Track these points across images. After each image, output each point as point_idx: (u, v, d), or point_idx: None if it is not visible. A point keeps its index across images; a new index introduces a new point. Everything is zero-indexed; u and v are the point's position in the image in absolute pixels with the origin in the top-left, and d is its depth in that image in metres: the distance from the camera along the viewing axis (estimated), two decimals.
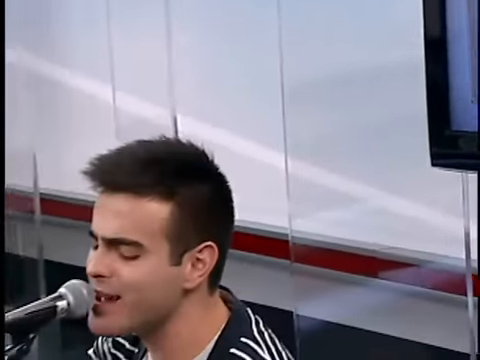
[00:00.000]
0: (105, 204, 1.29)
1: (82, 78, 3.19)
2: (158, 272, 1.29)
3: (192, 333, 1.34)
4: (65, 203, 3.23)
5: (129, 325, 1.34)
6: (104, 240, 1.29)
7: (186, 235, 1.30)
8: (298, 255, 2.65)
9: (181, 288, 1.31)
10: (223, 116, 2.83)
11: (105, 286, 1.30)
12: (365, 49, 2.60)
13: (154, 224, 1.28)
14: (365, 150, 2.61)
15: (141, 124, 2.97)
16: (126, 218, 1.28)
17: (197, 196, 1.30)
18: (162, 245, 1.29)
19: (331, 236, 2.66)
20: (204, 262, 1.31)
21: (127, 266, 1.29)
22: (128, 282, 1.29)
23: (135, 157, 1.30)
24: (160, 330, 1.34)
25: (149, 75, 2.95)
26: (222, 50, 2.89)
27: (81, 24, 3.22)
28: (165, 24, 2.85)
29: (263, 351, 1.31)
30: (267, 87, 2.73)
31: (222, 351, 1.32)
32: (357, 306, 2.60)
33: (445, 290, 2.34)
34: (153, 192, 1.28)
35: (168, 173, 1.30)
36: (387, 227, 2.57)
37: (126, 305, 1.30)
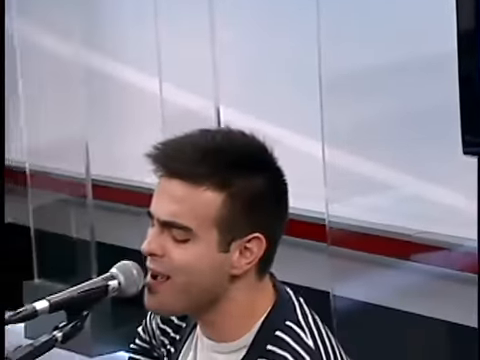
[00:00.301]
0: (163, 188, 1.30)
1: (131, 71, 3.20)
2: (206, 257, 1.29)
3: (240, 315, 1.33)
4: (115, 188, 3.24)
5: (180, 305, 1.34)
6: (159, 222, 1.30)
7: (236, 225, 1.29)
8: (334, 238, 2.65)
9: (229, 274, 1.31)
10: (264, 107, 2.82)
11: (157, 264, 1.30)
12: (398, 43, 2.57)
13: (206, 212, 1.28)
14: (400, 139, 2.60)
15: (186, 115, 2.98)
16: (180, 204, 1.28)
17: (250, 188, 1.29)
18: (211, 232, 1.28)
19: (366, 221, 2.64)
20: (252, 251, 1.30)
21: (178, 248, 1.29)
22: (178, 263, 1.29)
23: (195, 146, 1.30)
24: (209, 311, 1.34)
25: (194, 68, 2.95)
26: (263, 44, 2.87)
27: (130, 20, 3.22)
28: (209, 19, 2.85)
29: (306, 335, 1.31)
30: (306, 80, 2.71)
31: (267, 333, 1.31)
32: (390, 287, 2.59)
33: (474, 272, 2.32)
34: (208, 182, 1.27)
35: (225, 164, 1.29)
36: (420, 212, 2.54)
37: (176, 286, 1.30)
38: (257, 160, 1.32)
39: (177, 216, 1.28)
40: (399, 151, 2.60)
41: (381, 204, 2.66)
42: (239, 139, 1.33)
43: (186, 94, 3.00)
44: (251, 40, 2.89)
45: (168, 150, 1.31)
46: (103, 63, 3.29)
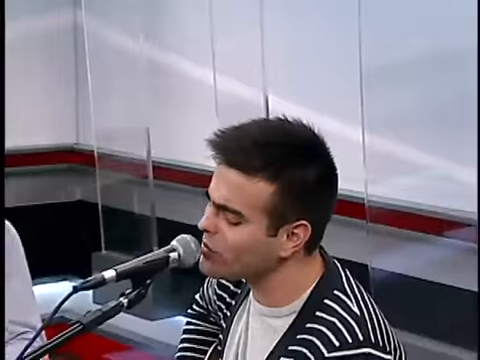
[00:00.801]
0: (221, 174, 1.30)
1: (189, 64, 3.20)
2: (255, 240, 1.29)
3: (290, 285, 1.33)
4: (173, 169, 3.25)
5: (230, 275, 1.36)
6: (214, 204, 1.31)
7: (284, 213, 1.29)
8: (373, 216, 2.62)
9: (277, 255, 1.31)
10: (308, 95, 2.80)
11: (211, 240, 1.31)
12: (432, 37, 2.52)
13: (257, 201, 1.28)
14: (433, 125, 2.55)
15: (237, 103, 2.97)
16: (234, 191, 1.28)
17: (300, 181, 1.28)
18: (261, 218, 1.28)
19: (402, 200, 2.60)
20: (298, 236, 1.30)
21: (230, 229, 1.29)
22: (229, 242, 1.30)
23: (252, 139, 1.29)
24: (260, 281, 1.34)
25: (245, 60, 2.94)
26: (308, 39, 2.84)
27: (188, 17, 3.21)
28: (259, 15, 2.82)
29: (352, 303, 1.30)
30: (347, 70, 2.67)
31: (316, 300, 1.31)
32: (423, 260, 2.56)
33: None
34: (261, 174, 1.27)
35: (277, 158, 1.28)
36: (450, 192, 2.49)
37: (227, 260, 1.31)
38: (309, 153, 1.30)
39: (231, 202, 1.28)
40: (432, 136, 2.56)
41: (416, 185, 2.61)
42: (293, 131, 1.31)
43: (237, 84, 2.97)
44: (297, 34, 2.86)
45: (227, 140, 1.30)
46: (164, 57, 3.28)
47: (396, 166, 2.66)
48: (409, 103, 2.60)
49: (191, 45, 3.19)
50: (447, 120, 2.52)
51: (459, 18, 2.39)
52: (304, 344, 1.27)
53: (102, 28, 3.47)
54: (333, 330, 1.26)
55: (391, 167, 2.67)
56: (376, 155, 2.63)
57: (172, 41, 3.29)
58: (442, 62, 2.50)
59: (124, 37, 3.38)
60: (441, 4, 2.47)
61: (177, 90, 3.29)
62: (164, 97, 3.32)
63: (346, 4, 2.61)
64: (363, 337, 1.26)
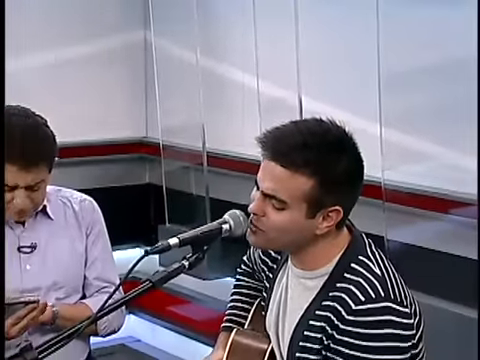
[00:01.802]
0: (268, 167, 1.28)
1: (236, 70, 3.18)
2: (296, 222, 1.28)
3: (322, 253, 1.32)
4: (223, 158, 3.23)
5: (272, 248, 1.37)
6: (262, 192, 1.29)
7: (321, 201, 1.27)
8: (388, 197, 2.57)
9: (312, 233, 1.30)
10: (335, 96, 2.76)
11: (258, 221, 1.30)
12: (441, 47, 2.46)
13: (299, 192, 1.26)
14: (441, 120, 2.49)
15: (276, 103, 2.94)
16: (279, 183, 1.26)
17: (334, 175, 1.26)
18: (302, 205, 1.27)
19: (414, 183, 2.55)
20: (332, 218, 1.29)
21: (275, 213, 1.28)
22: (273, 224, 1.28)
23: (294, 139, 1.27)
24: (298, 251, 1.33)
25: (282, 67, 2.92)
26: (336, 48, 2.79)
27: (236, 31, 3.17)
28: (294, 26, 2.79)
29: (374, 266, 1.29)
30: (368, 75, 2.61)
31: (344, 264, 1.30)
32: (431, 233, 2.51)
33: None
34: (302, 169, 1.25)
35: (316, 156, 1.26)
36: (458, 178, 2.44)
37: (269, 238, 1.31)
38: (341, 149, 1.28)
39: (276, 191, 1.27)
40: (440, 130, 2.50)
41: (425, 171, 2.56)
42: (329, 131, 1.29)
43: (276, 87, 2.93)
44: (326, 44, 2.81)
45: (273, 140, 1.28)
46: (216, 65, 3.26)
47: (408, 156, 2.61)
48: (420, 102, 2.55)
49: (238, 55, 3.17)
50: (453, 117, 2.45)
51: (464, 31, 2.32)
52: (335, 299, 1.26)
53: (166, 44, 3.47)
54: (359, 288, 1.24)
55: (404, 156, 2.61)
56: (391, 146, 2.58)
57: (222, 52, 3.27)
58: (449, 69, 2.44)
59: (184, 51, 3.37)
60: (448, 21, 2.41)
61: (226, 93, 3.27)
62: (216, 99, 3.30)
63: (368, 20, 2.54)
64: (384, 293, 1.24)
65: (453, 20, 2.39)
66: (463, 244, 2.40)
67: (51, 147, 1.69)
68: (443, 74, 2.46)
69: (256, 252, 1.49)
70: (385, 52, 2.51)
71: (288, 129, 1.30)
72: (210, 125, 3.26)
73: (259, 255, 1.47)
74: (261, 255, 1.46)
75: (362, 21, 2.65)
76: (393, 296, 1.24)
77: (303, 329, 1.28)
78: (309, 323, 1.27)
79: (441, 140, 2.52)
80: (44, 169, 1.67)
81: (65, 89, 3.33)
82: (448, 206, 2.45)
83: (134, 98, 3.60)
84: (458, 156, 2.48)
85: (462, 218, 2.40)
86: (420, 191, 2.53)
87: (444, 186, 2.48)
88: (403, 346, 1.23)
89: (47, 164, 1.68)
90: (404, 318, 1.23)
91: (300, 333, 1.28)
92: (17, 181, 1.64)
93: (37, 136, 1.65)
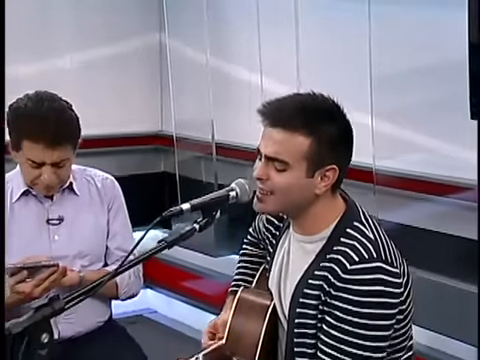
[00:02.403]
0: (268, 133, 1.27)
1: (241, 69, 3.17)
2: (297, 181, 1.26)
3: (321, 217, 1.30)
4: (230, 149, 3.21)
5: (277, 209, 1.33)
6: (265, 156, 1.27)
7: (319, 160, 1.26)
8: (379, 181, 2.56)
9: (313, 193, 1.28)
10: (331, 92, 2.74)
11: (264, 185, 1.28)
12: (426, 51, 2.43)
13: (298, 152, 1.25)
14: (427, 113, 2.46)
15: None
16: (280, 145, 1.25)
17: (328, 135, 1.26)
18: (302, 164, 1.25)
19: (401, 168, 2.54)
20: (329, 177, 1.27)
21: (278, 175, 1.27)
22: (277, 185, 1.27)
23: (291, 105, 1.27)
24: (299, 214, 1.32)
25: (283, 66, 2.91)
26: (332, 49, 2.77)
27: (242, 35, 3.16)
28: (295, 30, 2.79)
29: (368, 231, 1.28)
30: (360, 74, 2.60)
31: (340, 229, 1.28)
32: (418, 213, 2.50)
33: None
34: (300, 130, 1.25)
35: (312, 118, 1.25)
36: (442, 164, 2.43)
37: (276, 199, 1.28)
38: (334, 113, 1.28)
39: (278, 153, 1.26)
40: (428, 122, 2.47)
41: (411, 157, 2.55)
42: (322, 99, 1.30)
43: (278, 84, 2.91)
44: (323, 46, 2.79)
45: (272, 108, 1.28)
46: (224, 65, 3.24)
47: (397, 145, 2.59)
48: (407, 99, 2.52)
49: (244, 56, 3.16)
50: (439, 111, 2.43)
51: (446, 39, 2.30)
52: (332, 261, 1.25)
53: (180, 46, 3.46)
54: (353, 250, 1.24)
55: (393, 145, 2.60)
56: (381, 136, 2.57)
57: (230, 54, 3.25)
58: (435, 70, 2.41)
59: (195, 52, 3.36)
60: (434, 27, 2.38)
61: (234, 90, 3.26)
62: (224, 96, 3.29)
63: (361, 23, 2.53)
64: (376, 254, 1.23)
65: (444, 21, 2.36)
66: (448, 223, 2.38)
67: (75, 128, 1.69)
68: (433, 73, 2.43)
69: (260, 222, 1.48)
70: (375, 53, 2.50)
71: (285, 99, 1.30)
72: (219, 119, 3.26)
73: (263, 224, 1.46)
74: (265, 224, 1.45)
75: (355, 24, 2.63)
76: (384, 257, 1.23)
77: (303, 287, 1.27)
78: (308, 282, 1.27)
79: (431, 131, 2.49)
80: (69, 148, 1.67)
81: (90, 88, 3.33)
82: (434, 189, 2.44)
83: (151, 95, 3.60)
84: (445, 145, 2.47)
85: (448, 199, 2.39)
86: (408, 175, 2.52)
87: (430, 170, 2.46)
88: (392, 302, 1.22)
89: (71, 143, 1.68)
90: (394, 277, 1.23)
91: (300, 291, 1.27)
92: (44, 158, 1.64)
93: (63, 118, 1.65)
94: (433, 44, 2.40)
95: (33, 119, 1.63)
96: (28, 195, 1.76)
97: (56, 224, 1.75)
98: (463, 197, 2.33)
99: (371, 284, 1.20)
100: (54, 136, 1.63)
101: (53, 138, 1.63)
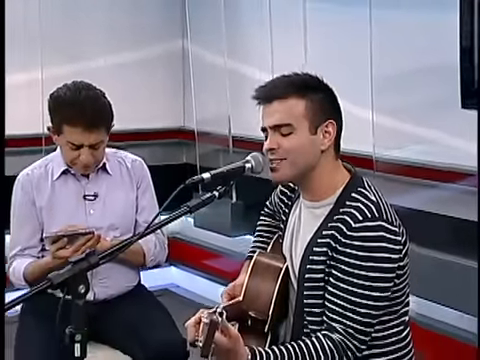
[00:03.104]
0: (267, 109, 1.28)
1: (255, 70, 3.16)
2: (304, 140, 1.26)
3: (327, 183, 1.29)
4: (246, 141, 3.23)
5: (291, 174, 1.30)
6: (270, 128, 1.27)
7: (317, 117, 1.26)
8: (378, 168, 2.56)
9: (319, 150, 1.27)
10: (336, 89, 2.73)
11: (275, 155, 1.28)
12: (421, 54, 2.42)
13: (297, 112, 1.25)
14: (423, 108, 2.45)
15: None
16: (280, 112, 1.26)
17: (318, 97, 1.27)
18: (303, 123, 1.25)
19: (398, 157, 2.54)
20: (330, 132, 1.27)
21: (286, 140, 1.26)
22: (287, 148, 1.26)
23: (281, 81, 1.29)
24: (308, 178, 1.30)
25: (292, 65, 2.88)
26: (337, 50, 2.76)
27: (256, 39, 3.16)
28: (303, 34, 2.79)
29: (370, 194, 1.27)
30: (362, 73, 2.60)
31: (346, 194, 1.28)
32: (414, 197, 2.48)
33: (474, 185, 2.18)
34: (294, 95, 1.25)
35: (300, 86, 1.27)
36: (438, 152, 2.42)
37: (289, 163, 1.27)
38: (318, 82, 1.30)
39: (280, 119, 1.26)
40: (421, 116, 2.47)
41: (410, 147, 2.53)
42: (306, 75, 1.31)
43: None
44: (329, 49, 2.79)
45: (263, 88, 1.30)
46: (240, 67, 3.25)
47: (396, 136, 2.58)
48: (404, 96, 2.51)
49: (257, 58, 3.16)
50: (434, 107, 2.41)
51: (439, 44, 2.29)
52: (338, 221, 1.24)
53: (200, 50, 3.48)
54: (358, 210, 1.23)
55: (392, 137, 2.59)
56: (381, 128, 2.57)
57: (245, 57, 3.26)
58: (428, 72, 2.40)
59: (214, 56, 3.38)
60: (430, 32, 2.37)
61: (248, 89, 3.23)
62: (240, 94, 3.29)
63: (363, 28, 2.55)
64: (378, 214, 1.23)
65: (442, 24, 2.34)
66: (441, 205, 2.37)
67: (108, 114, 1.71)
68: (427, 74, 2.41)
69: (275, 195, 1.48)
70: (376, 56, 2.50)
71: (274, 80, 1.31)
72: (235, 115, 3.27)
73: (277, 196, 1.46)
74: (279, 195, 1.46)
75: (358, 29, 2.63)
76: (385, 217, 1.22)
77: (312, 246, 1.27)
78: (317, 242, 1.26)
79: (426, 123, 2.47)
80: (103, 131, 1.69)
81: (120, 88, 3.35)
82: (431, 175, 2.42)
83: (174, 95, 3.62)
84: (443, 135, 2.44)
85: (442, 183, 2.38)
86: (405, 162, 2.51)
87: (425, 158, 2.44)
88: (393, 257, 1.22)
89: (105, 127, 1.70)
90: (394, 235, 1.22)
91: (310, 250, 1.27)
92: (82, 141, 1.67)
93: (97, 104, 1.67)
94: (432, 46, 2.38)
95: (72, 106, 1.65)
96: (67, 174, 1.78)
97: (91, 200, 1.77)
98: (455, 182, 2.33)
99: (374, 240, 1.20)
100: (90, 121, 1.65)
101: (89, 122, 1.65)
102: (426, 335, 2.24)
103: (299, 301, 1.29)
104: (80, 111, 1.64)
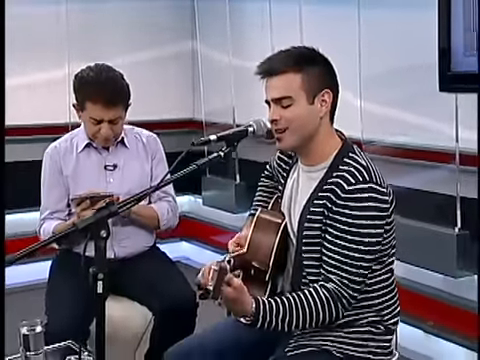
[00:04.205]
0: (268, 85, 1.27)
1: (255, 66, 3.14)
2: (303, 110, 1.25)
3: (322, 149, 1.28)
4: None
5: (294, 142, 1.29)
6: (272, 100, 1.26)
7: (313, 87, 1.24)
8: (367, 149, 2.51)
9: (317, 117, 1.26)
10: None
11: (278, 125, 1.27)
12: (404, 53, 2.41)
13: (294, 85, 1.24)
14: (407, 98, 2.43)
15: None
16: (280, 87, 1.24)
17: (315, 69, 1.25)
18: (301, 94, 1.24)
19: (384, 140, 2.51)
20: (326, 101, 1.26)
21: (287, 111, 1.25)
22: (289, 118, 1.25)
23: (281, 56, 1.27)
24: (308, 145, 1.29)
25: None
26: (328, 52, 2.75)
27: (258, 39, 3.14)
28: (300, 36, 2.79)
29: (361, 159, 1.27)
30: (352, 68, 2.58)
31: (339, 159, 1.27)
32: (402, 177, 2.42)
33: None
34: (291, 70, 1.23)
35: (297, 60, 1.24)
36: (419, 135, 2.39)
37: (290, 131, 1.26)
38: (314, 54, 1.27)
39: (280, 92, 1.25)
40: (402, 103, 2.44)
41: (397, 131, 2.49)
42: (302, 48, 1.29)
43: None
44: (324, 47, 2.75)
45: (264, 64, 1.28)
46: (243, 64, 3.23)
47: (382, 121, 2.56)
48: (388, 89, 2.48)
49: (259, 56, 3.10)
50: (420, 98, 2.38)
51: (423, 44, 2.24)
52: (332, 184, 1.24)
53: (207, 50, 3.47)
54: (350, 173, 1.23)
55: (378, 122, 2.57)
56: (368, 114, 2.56)
57: (247, 55, 3.24)
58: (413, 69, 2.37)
59: (220, 54, 3.36)
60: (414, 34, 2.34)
61: (250, 84, 3.22)
62: (243, 89, 3.29)
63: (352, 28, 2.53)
64: (368, 177, 1.22)
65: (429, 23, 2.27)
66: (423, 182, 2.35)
67: (126, 93, 1.71)
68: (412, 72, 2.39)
69: (274, 160, 1.48)
70: (364, 54, 2.48)
71: (274, 55, 1.30)
72: (239, 107, 3.25)
73: (276, 161, 1.46)
74: (277, 160, 1.45)
75: (348, 28, 2.61)
76: (375, 179, 1.22)
77: (309, 206, 1.27)
78: (314, 202, 1.26)
79: (408, 108, 2.45)
80: (121, 108, 1.70)
81: (136, 84, 3.29)
82: (415, 155, 2.40)
83: (185, 90, 3.62)
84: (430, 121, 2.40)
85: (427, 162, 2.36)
86: (391, 144, 2.49)
87: (419, 141, 2.40)
88: (382, 215, 1.21)
89: (123, 105, 1.70)
90: (383, 195, 1.21)
91: (307, 209, 1.27)
92: (102, 116, 1.67)
93: (116, 84, 1.68)
94: (415, 44, 2.35)
95: (94, 85, 1.65)
96: (90, 147, 1.78)
97: (111, 170, 1.77)
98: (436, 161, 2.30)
99: (365, 201, 1.20)
100: (110, 98, 1.65)
101: (109, 100, 1.65)
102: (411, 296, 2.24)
103: (298, 256, 1.29)
104: (101, 89, 1.64)
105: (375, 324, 1.28)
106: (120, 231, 1.75)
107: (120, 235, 1.75)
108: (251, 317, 1.17)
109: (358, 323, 1.26)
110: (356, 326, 1.26)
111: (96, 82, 1.65)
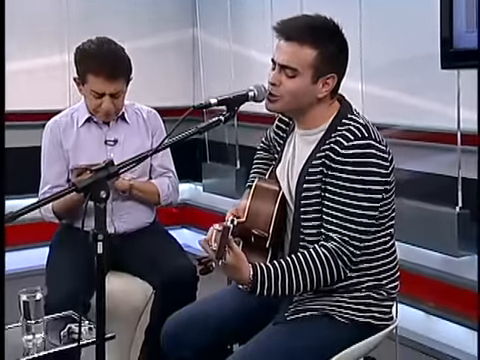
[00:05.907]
0: (282, 46, 1.24)
1: (257, 53, 3.15)
2: (303, 86, 1.24)
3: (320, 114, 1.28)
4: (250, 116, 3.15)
5: (284, 109, 1.30)
6: (278, 65, 1.25)
7: (322, 69, 1.23)
8: None
9: (315, 97, 1.25)
10: None
11: (275, 90, 1.26)
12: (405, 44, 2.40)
13: (305, 60, 1.22)
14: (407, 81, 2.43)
15: None
16: (291, 55, 1.22)
17: (331, 49, 1.23)
18: (308, 72, 1.23)
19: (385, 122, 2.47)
20: (329, 84, 1.24)
21: (288, 81, 1.24)
22: (287, 88, 1.25)
23: (302, 23, 1.23)
24: (302, 114, 1.29)
25: None
26: None
27: (258, 25, 3.15)
28: None
29: (359, 119, 1.26)
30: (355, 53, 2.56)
31: (337, 121, 1.26)
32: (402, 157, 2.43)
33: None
34: (308, 43, 1.21)
35: (318, 35, 1.22)
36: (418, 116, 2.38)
37: (284, 101, 1.26)
38: (336, 32, 1.24)
39: (289, 62, 1.23)
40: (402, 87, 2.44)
41: (398, 113, 2.49)
42: (327, 20, 1.25)
43: None
44: None
45: (286, 25, 1.25)
46: (243, 50, 3.24)
47: (382, 104, 2.55)
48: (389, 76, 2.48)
49: (259, 43, 3.13)
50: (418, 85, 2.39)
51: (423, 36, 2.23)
52: (331, 142, 1.24)
53: (208, 37, 3.47)
54: (349, 131, 1.22)
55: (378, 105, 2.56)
56: (369, 97, 2.56)
57: (248, 42, 3.24)
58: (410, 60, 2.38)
59: (221, 41, 3.36)
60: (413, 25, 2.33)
61: (250, 70, 3.24)
62: (243, 75, 3.28)
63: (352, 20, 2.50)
64: (367, 134, 1.22)
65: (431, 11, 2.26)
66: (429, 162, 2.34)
67: (127, 66, 1.71)
68: (409, 62, 2.39)
69: (271, 131, 1.47)
70: (365, 45, 2.48)
71: (297, 19, 1.27)
72: None
73: (273, 130, 1.45)
74: (275, 130, 1.44)
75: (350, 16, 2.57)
76: (374, 136, 1.21)
77: (308, 167, 1.26)
78: (312, 163, 1.25)
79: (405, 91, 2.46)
80: (122, 82, 1.69)
81: (138, 70, 3.29)
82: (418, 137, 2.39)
83: (186, 76, 3.61)
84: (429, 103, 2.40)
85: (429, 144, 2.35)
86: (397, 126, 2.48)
87: (415, 122, 2.40)
88: (382, 172, 1.20)
89: (124, 78, 1.70)
90: (382, 152, 1.20)
91: (306, 171, 1.26)
92: (104, 89, 1.67)
93: (118, 57, 1.68)
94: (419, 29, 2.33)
95: (95, 58, 1.65)
96: (90, 122, 1.78)
97: (112, 145, 1.77)
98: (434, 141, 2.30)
99: (365, 156, 1.19)
100: (111, 71, 1.65)
101: (111, 73, 1.65)
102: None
103: (296, 218, 1.28)
104: (103, 62, 1.64)
105: (375, 289, 1.27)
106: (120, 206, 1.75)
107: (120, 210, 1.74)
108: (249, 284, 1.16)
109: (357, 287, 1.26)
110: (356, 291, 1.26)
111: (98, 54, 1.64)
